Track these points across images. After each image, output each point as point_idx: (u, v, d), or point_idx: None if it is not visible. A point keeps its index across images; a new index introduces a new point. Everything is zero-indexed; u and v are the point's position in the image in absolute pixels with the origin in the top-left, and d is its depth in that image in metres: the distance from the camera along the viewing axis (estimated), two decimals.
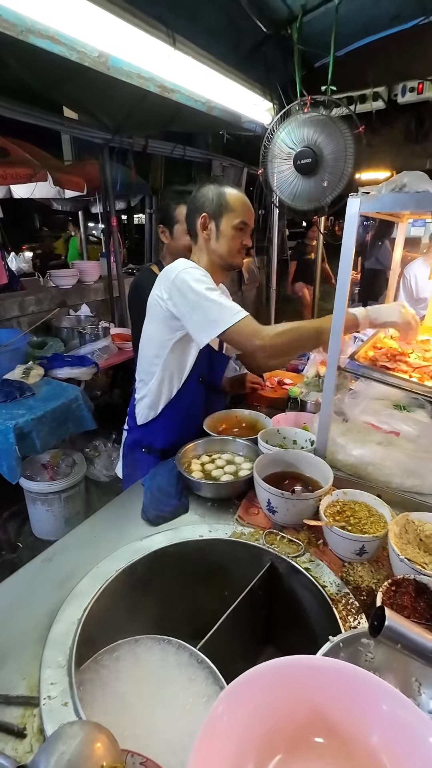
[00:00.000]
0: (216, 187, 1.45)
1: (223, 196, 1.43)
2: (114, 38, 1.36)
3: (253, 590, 1.03)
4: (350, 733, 0.48)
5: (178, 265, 1.38)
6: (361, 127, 1.77)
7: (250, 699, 0.48)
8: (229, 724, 0.46)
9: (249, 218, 1.46)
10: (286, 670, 0.50)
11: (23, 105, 2.82)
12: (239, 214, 1.43)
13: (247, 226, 1.46)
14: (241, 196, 1.45)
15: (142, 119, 3.36)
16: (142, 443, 1.63)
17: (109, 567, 1.03)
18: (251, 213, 1.47)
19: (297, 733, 0.49)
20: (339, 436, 1.44)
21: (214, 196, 1.43)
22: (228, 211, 1.43)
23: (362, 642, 0.77)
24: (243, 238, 1.47)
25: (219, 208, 1.43)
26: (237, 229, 1.44)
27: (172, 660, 0.84)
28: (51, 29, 1.26)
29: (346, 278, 1.20)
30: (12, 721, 0.73)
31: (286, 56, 2.27)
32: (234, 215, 1.43)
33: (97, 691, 0.80)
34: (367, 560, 1.06)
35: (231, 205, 1.43)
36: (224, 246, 1.46)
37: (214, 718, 0.46)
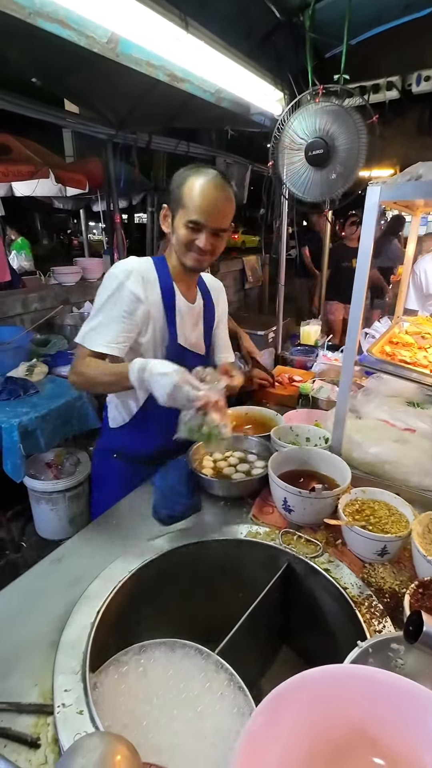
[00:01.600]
0: (183, 174, 1.23)
1: (181, 187, 1.21)
2: (126, 19, 1.32)
3: (270, 592, 0.99)
4: (402, 750, 0.44)
5: (118, 263, 1.28)
6: (375, 117, 1.73)
7: (290, 711, 0.45)
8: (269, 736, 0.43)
9: (205, 217, 1.21)
10: (328, 681, 0.47)
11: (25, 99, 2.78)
12: (190, 212, 1.20)
13: (201, 227, 1.22)
14: (202, 189, 1.19)
15: (147, 114, 3.31)
16: (114, 448, 1.51)
17: (120, 568, 1.00)
18: (211, 211, 1.21)
19: (344, 748, 0.45)
20: (354, 433, 1.40)
21: (176, 186, 1.24)
22: (180, 206, 1.22)
23: (392, 647, 0.73)
24: (195, 238, 1.24)
25: (176, 201, 1.23)
26: (187, 228, 1.23)
27: (190, 665, 0.80)
28: (60, 11, 1.22)
29: (364, 270, 1.16)
30: (25, 731, 0.69)
31: (298, 45, 2.23)
32: (184, 212, 1.21)
33: (113, 698, 0.76)
34: (388, 561, 1.02)
35: (184, 199, 1.20)
36: (177, 241, 1.27)
37: (252, 732, 0.43)
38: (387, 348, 1.44)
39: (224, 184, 1.23)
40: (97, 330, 1.23)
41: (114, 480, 1.49)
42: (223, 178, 1.24)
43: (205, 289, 1.50)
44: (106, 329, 1.23)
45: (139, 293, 1.24)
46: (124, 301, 1.23)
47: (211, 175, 1.22)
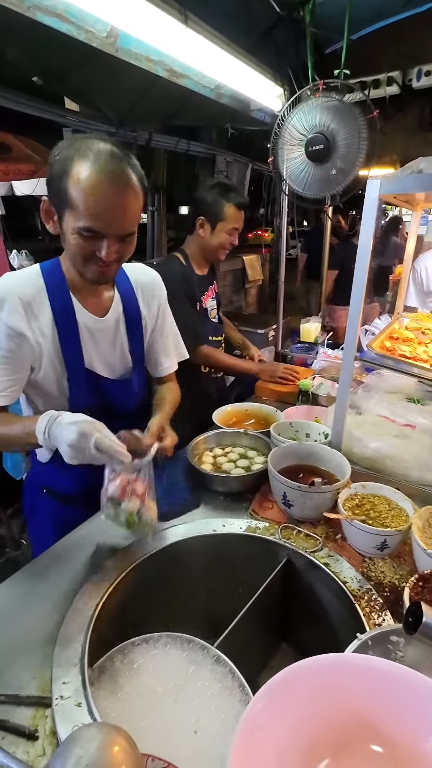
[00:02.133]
0: (64, 154, 0.89)
1: (64, 178, 0.88)
2: (125, 13, 1.31)
3: (269, 586, 0.98)
4: (401, 738, 0.44)
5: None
6: (376, 112, 1.73)
7: (290, 697, 0.45)
8: (269, 723, 0.43)
9: (105, 224, 0.91)
10: (328, 669, 0.46)
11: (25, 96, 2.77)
12: (82, 216, 0.89)
13: (100, 235, 0.92)
14: (96, 184, 0.87)
15: (147, 112, 3.31)
16: (42, 483, 1.30)
17: (120, 563, 1.00)
18: (113, 214, 0.91)
19: (343, 736, 0.45)
20: (354, 428, 1.40)
21: (56, 172, 0.90)
22: (67, 206, 0.90)
23: (392, 640, 0.73)
24: (94, 248, 0.94)
25: (58, 195, 0.91)
26: (81, 236, 0.92)
27: (188, 658, 0.80)
28: (59, 5, 1.22)
29: (364, 265, 1.16)
30: (23, 723, 0.69)
31: (298, 40, 2.22)
32: (74, 215, 0.90)
33: (111, 691, 0.76)
34: (388, 555, 1.02)
35: (71, 196, 0.88)
36: (69, 252, 0.99)
37: (251, 717, 0.42)
38: (387, 343, 1.43)
39: (124, 167, 0.89)
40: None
41: (46, 516, 1.30)
42: (120, 157, 0.90)
43: (127, 289, 1.18)
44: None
45: (19, 326, 0.99)
46: (1, 338, 0.99)
47: (104, 158, 0.87)
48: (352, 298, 1.20)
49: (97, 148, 0.88)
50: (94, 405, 1.12)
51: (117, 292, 1.16)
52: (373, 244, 1.15)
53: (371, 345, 1.39)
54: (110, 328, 1.15)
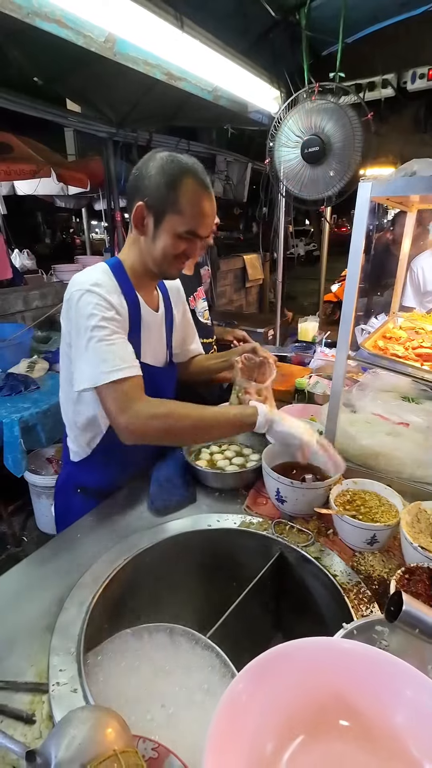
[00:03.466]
0: (173, 168, 1.03)
1: (174, 186, 1.03)
2: (121, 20, 1.34)
3: (262, 580, 1.01)
4: (374, 716, 0.46)
5: (76, 281, 1.07)
6: (370, 114, 1.75)
7: (270, 678, 0.47)
8: (248, 703, 0.45)
9: (202, 227, 1.08)
10: (309, 651, 0.49)
11: (27, 98, 2.81)
12: (190, 221, 1.06)
13: (197, 238, 1.10)
14: (203, 195, 1.05)
15: (147, 112, 3.34)
16: (77, 482, 1.33)
17: (116, 556, 1.02)
18: (208, 219, 1.08)
19: (319, 715, 0.47)
20: (348, 426, 1.42)
21: (165, 183, 1.03)
22: (174, 211, 1.05)
23: (376, 629, 0.75)
24: (187, 248, 1.10)
25: (164, 202, 1.04)
26: (181, 239, 1.08)
27: (181, 648, 0.83)
28: (57, 11, 1.24)
29: (356, 266, 1.18)
30: (21, 708, 0.72)
31: (294, 43, 2.25)
32: (180, 220, 1.05)
33: (106, 678, 0.78)
34: (378, 550, 1.04)
35: (181, 204, 1.03)
36: (159, 250, 1.09)
37: (232, 695, 0.45)
38: (380, 343, 1.45)
39: (209, 182, 1.10)
40: (107, 354, 1.02)
41: (80, 516, 1.27)
42: (207, 174, 1.11)
43: (164, 290, 1.34)
44: (114, 350, 1.03)
45: (117, 304, 1.08)
46: (111, 315, 1.05)
47: (204, 175, 1.07)
48: (345, 296, 1.22)
49: (198, 166, 1.07)
50: None
51: (159, 292, 1.31)
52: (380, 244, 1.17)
53: (364, 344, 1.42)
54: (160, 321, 1.29)
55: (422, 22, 2.25)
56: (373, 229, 4.57)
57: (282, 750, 0.45)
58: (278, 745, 0.45)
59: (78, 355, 1.06)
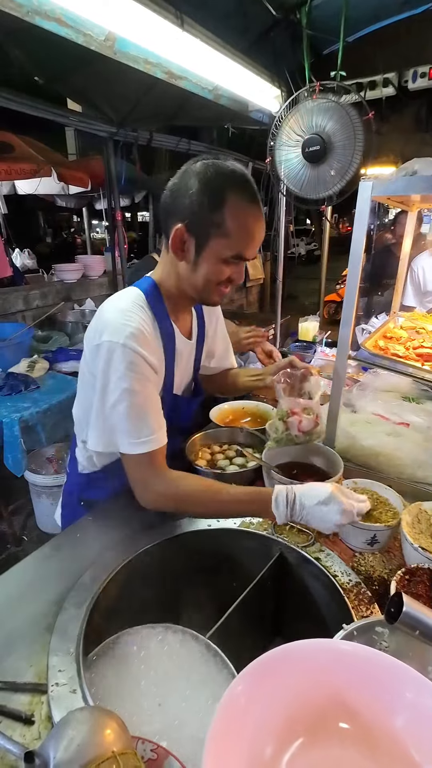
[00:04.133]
0: (218, 184, 0.90)
1: (220, 205, 0.90)
2: (121, 18, 1.33)
3: (262, 580, 1.01)
4: (374, 719, 0.46)
5: (109, 324, 0.96)
6: (371, 113, 1.75)
7: (269, 680, 0.47)
8: (247, 705, 0.45)
9: (251, 249, 0.97)
10: (308, 653, 0.49)
11: (27, 97, 2.81)
12: (237, 244, 0.94)
13: (244, 260, 0.98)
14: (254, 215, 0.94)
15: (147, 112, 3.34)
16: (81, 495, 1.29)
17: (116, 556, 1.02)
18: (257, 240, 0.97)
19: (318, 718, 0.47)
20: (348, 426, 1.42)
21: (209, 202, 0.91)
22: (221, 234, 0.93)
23: (376, 630, 0.75)
24: (232, 273, 1.00)
25: (209, 224, 0.92)
26: (227, 263, 0.97)
27: (180, 648, 0.82)
28: (58, 10, 1.24)
29: (357, 266, 1.18)
30: (20, 708, 0.71)
31: (295, 42, 2.25)
32: (228, 243, 0.94)
33: (105, 679, 0.78)
34: (378, 550, 1.04)
35: (228, 226, 0.91)
36: (201, 278, 0.99)
37: (232, 697, 0.45)
38: (381, 342, 1.45)
39: (259, 200, 0.97)
40: (137, 422, 0.97)
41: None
42: (253, 182, 0.97)
43: (199, 309, 1.25)
44: (144, 418, 0.98)
45: (152, 360, 0.99)
46: (144, 375, 0.97)
47: (255, 193, 0.94)
48: (346, 295, 1.22)
49: (242, 176, 0.94)
50: (169, 423, 1.11)
51: (195, 314, 1.23)
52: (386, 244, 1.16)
53: (365, 344, 1.41)
54: (191, 348, 1.21)
55: (423, 21, 2.25)
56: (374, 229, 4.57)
57: (281, 752, 0.45)
58: (277, 747, 0.45)
59: (99, 413, 0.99)
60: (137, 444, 0.98)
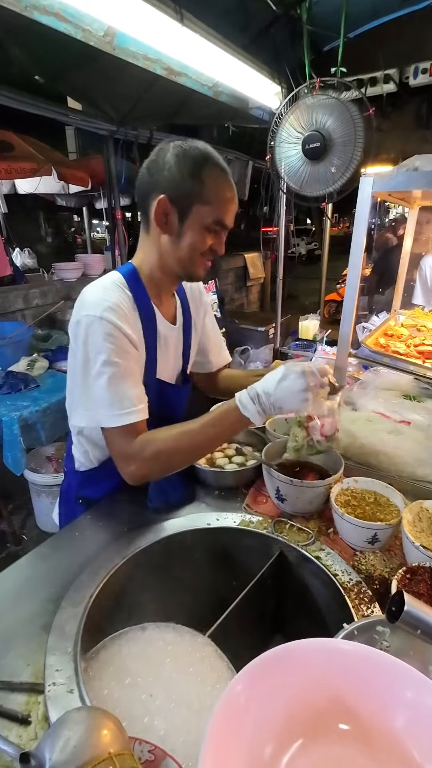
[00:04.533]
0: (195, 156, 0.96)
1: (199, 174, 0.96)
2: (121, 13, 1.32)
3: (262, 579, 1.00)
4: (374, 719, 0.45)
5: (87, 301, 0.99)
6: (371, 110, 1.73)
7: (269, 680, 0.46)
8: (247, 705, 0.44)
9: (229, 215, 1.02)
10: (308, 652, 0.48)
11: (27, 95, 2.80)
12: (217, 210, 0.99)
13: (225, 228, 1.03)
14: (227, 181, 1.00)
15: (148, 110, 3.32)
16: (79, 493, 1.29)
17: (114, 554, 1.01)
18: (233, 206, 1.02)
19: (318, 718, 0.46)
20: (349, 424, 1.41)
21: (188, 173, 0.96)
22: (202, 201, 0.97)
23: (377, 630, 0.74)
24: (214, 242, 1.03)
25: (190, 194, 0.97)
26: (209, 231, 1.01)
27: (180, 647, 0.82)
28: (56, 4, 1.23)
29: (357, 263, 1.17)
30: (16, 708, 0.71)
31: (295, 38, 2.23)
32: (209, 210, 0.98)
33: (103, 679, 0.77)
34: (379, 549, 1.03)
35: (207, 192, 0.97)
36: (186, 248, 1.02)
37: (231, 696, 0.44)
38: (381, 340, 1.44)
39: None
40: (116, 394, 0.98)
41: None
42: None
43: (183, 296, 1.25)
44: (123, 389, 0.98)
45: (130, 333, 1.00)
46: (123, 348, 0.99)
47: (224, 164, 1.00)
48: (346, 293, 1.21)
49: (212, 150, 1.00)
50: (155, 412, 1.12)
51: (177, 300, 1.22)
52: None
53: (365, 342, 1.40)
54: (178, 334, 1.20)
55: (424, 17, 2.24)
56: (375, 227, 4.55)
57: (281, 753, 0.44)
58: (277, 748, 0.44)
59: (82, 388, 1.01)
60: (118, 416, 0.98)
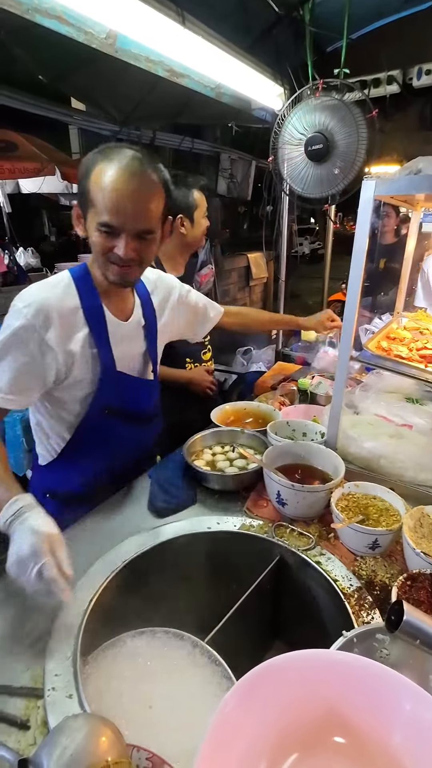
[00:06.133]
0: (91, 159, 0.96)
1: (88, 178, 0.95)
2: (122, 16, 1.32)
3: (262, 583, 1.00)
4: (370, 733, 0.45)
5: (22, 293, 1.05)
6: (375, 111, 1.72)
7: (262, 695, 0.46)
8: (240, 721, 0.44)
9: (121, 218, 0.95)
10: (301, 665, 0.48)
11: (31, 96, 2.80)
12: (101, 211, 0.94)
13: (117, 230, 0.96)
14: (114, 180, 0.93)
15: (151, 110, 3.33)
16: (45, 487, 1.28)
17: (115, 558, 1.01)
18: (128, 208, 0.95)
19: (313, 732, 0.46)
20: (350, 428, 1.40)
21: (82, 175, 0.97)
22: (90, 204, 0.96)
23: (377, 637, 0.74)
24: (113, 245, 0.98)
25: (84, 196, 0.97)
26: (100, 233, 0.97)
27: (178, 653, 0.82)
28: (58, 8, 1.23)
29: (359, 267, 1.16)
30: (15, 713, 0.71)
31: (298, 40, 2.22)
32: (94, 212, 0.96)
33: (102, 684, 0.77)
34: (380, 554, 1.03)
35: (92, 193, 0.94)
36: (93, 251, 1.03)
37: (223, 715, 0.44)
38: (384, 343, 1.43)
39: (144, 168, 0.96)
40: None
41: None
42: (142, 160, 0.96)
43: (145, 295, 1.26)
44: (4, 377, 1.02)
45: (51, 338, 1.02)
46: (27, 346, 1.01)
47: (125, 159, 0.94)
48: (348, 295, 1.20)
49: (120, 152, 0.96)
50: (114, 404, 1.20)
51: (137, 298, 1.23)
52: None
53: (368, 345, 1.40)
54: (132, 331, 1.21)
55: (428, 18, 2.22)
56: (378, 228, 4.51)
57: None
58: (271, 763, 0.44)
59: None
60: None
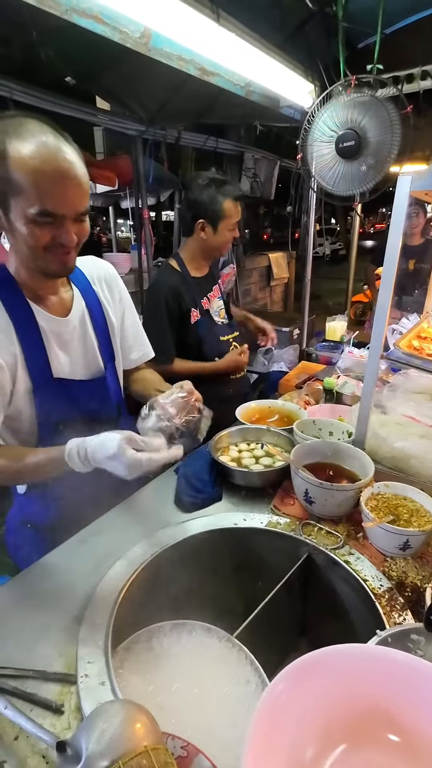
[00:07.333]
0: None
1: (3, 158, 0.79)
2: (158, 14, 1.33)
3: (289, 581, 0.99)
4: (419, 732, 0.44)
5: None
6: (410, 107, 1.69)
7: (310, 682, 0.46)
8: (288, 704, 0.44)
9: (59, 201, 0.84)
10: (351, 658, 0.47)
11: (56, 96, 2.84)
12: (34, 199, 0.81)
13: (58, 217, 0.85)
14: (43, 160, 0.80)
15: (177, 110, 3.34)
16: (26, 518, 1.22)
17: (143, 550, 1.02)
18: (67, 190, 0.84)
19: (361, 726, 0.45)
20: (379, 428, 1.38)
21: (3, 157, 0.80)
22: (13, 193, 0.82)
23: (412, 638, 0.73)
24: (54, 235, 0.87)
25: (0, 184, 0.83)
26: (35, 224, 0.84)
27: (208, 645, 0.82)
28: (95, 7, 1.25)
29: (392, 264, 1.15)
30: (50, 698, 0.72)
31: (330, 36, 2.20)
32: (24, 201, 0.82)
33: (132, 673, 0.78)
34: (410, 555, 1.01)
35: (15, 180, 0.80)
36: (23, 246, 0.89)
37: (273, 694, 0.44)
38: (415, 342, 1.41)
39: (65, 141, 0.84)
40: None
41: (35, 551, 1.09)
42: (56, 131, 0.85)
43: (84, 284, 1.12)
44: None
45: None
46: None
47: (43, 135, 0.81)
48: (380, 296, 1.19)
49: (31, 125, 0.82)
50: (67, 417, 1.05)
51: (75, 289, 1.09)
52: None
53: (398, 344, 1.38)
54: (76, 327, 1.08)
55: None
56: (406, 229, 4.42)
57: (323, 757, 0.43)
58: (319, 751, 0.43)
59: None
60: None
